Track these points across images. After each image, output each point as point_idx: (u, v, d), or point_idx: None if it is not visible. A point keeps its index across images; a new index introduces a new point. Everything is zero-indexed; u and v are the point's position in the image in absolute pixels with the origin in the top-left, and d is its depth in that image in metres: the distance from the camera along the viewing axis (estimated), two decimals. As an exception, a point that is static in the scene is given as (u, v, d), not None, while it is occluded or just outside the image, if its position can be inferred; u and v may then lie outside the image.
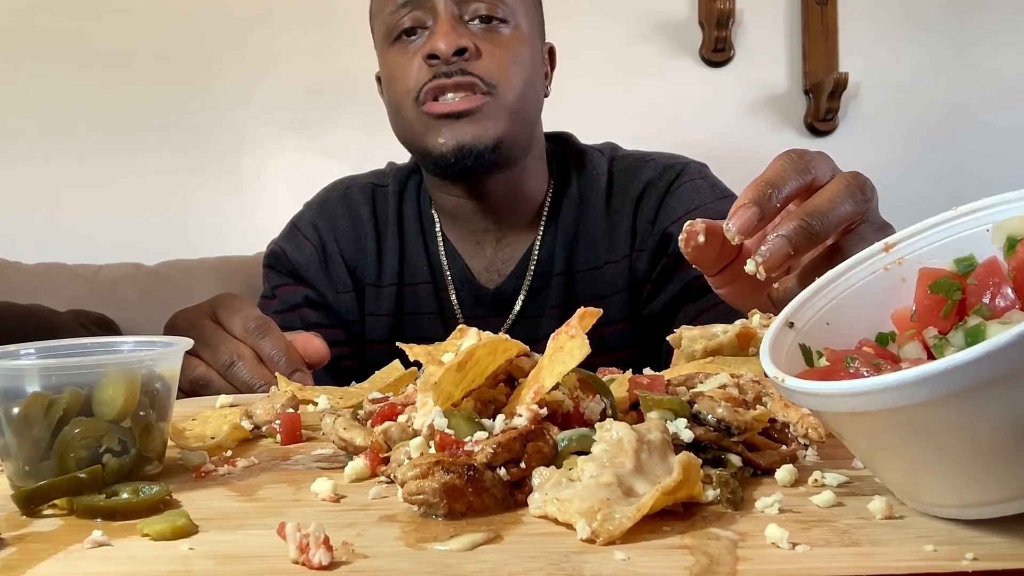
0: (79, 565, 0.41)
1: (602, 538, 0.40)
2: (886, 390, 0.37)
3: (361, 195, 1.33)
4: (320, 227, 1.32)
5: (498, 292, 1.26)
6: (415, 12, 1.15)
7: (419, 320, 1.28)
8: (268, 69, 2.29)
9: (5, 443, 0.53)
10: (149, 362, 0.56)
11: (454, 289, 1.27)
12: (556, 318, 1.21)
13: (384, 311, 1.28)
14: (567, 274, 1.24)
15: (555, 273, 1.24)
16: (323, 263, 1.30)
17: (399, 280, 1.28)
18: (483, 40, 1.14)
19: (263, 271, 1.34)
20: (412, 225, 1.30)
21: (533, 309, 1.25)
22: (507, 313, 1.26)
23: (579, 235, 1.26)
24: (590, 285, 1.24)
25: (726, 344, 0.71)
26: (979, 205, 0.49)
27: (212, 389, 0.91)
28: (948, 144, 2.33)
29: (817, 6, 2.29)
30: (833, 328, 0.50)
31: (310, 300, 1.28)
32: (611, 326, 1.23)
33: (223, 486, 0.55)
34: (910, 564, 0.37)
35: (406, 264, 1.29)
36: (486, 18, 1.15)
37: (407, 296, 1.28)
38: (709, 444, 0.51)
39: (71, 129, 2.28)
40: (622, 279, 1.24)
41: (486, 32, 1.15)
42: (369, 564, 0.39)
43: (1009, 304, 0.43)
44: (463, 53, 1.12)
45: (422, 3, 1.15)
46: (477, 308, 1.26)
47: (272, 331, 0.93)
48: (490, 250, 1.27)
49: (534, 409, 0.50)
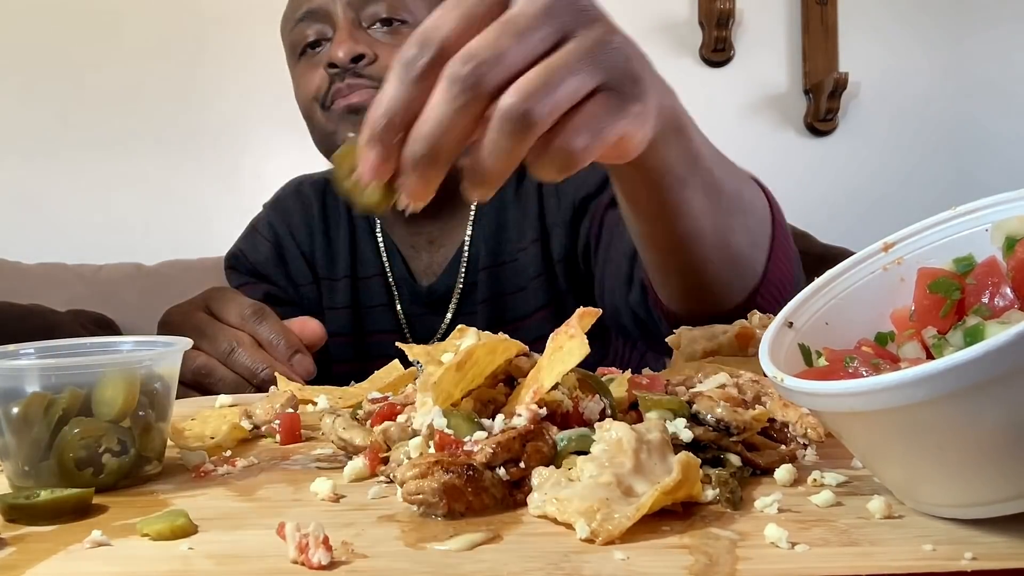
0: (79, 565, 0.41)
1: (601, 538, 0.40)
2: (885, 390, 0.37)
3: (312, 190, 1.37)
4: (275, 224, 1.36)
5: (431, 290, 1.27)
6: (315, 25, 1.17)
7: (373, 313, 1.29)
8: (268, 69, 2.28)
9: (4, 443, 0.53)
10: (149, 362, 0.56)
11: (395, 287, 1.29)
12: (485, 314, 1.21)
13: (340, 304, 1.30)
14: (490, 268, 1.24)
15: (480, 268, 1.24)
16: (280, 259, 1.34)
17: (352, 273, 1.31)
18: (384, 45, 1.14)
19: (225, 273, 1.37)
20: (362, 220, 1.32)
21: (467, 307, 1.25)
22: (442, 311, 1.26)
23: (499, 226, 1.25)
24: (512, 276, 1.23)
25: (725, 344, 0.71)
26: (978, 205, 0.49)
27: (215, 377, 0.92)
28: (947, 144, 2.33)
29: (817, 6, 2.29)
30: (832, 328, 0.50)
31: (270, 296, 1.30)
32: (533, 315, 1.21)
33: (223, 486, 0.55)
34: (909, 564, 0.37)
35: (358, 258, 1.31)
36: (386, 21, 1.15)
37: (361, 288, 1.30)
38: (708, 444, 0.51)
39: (71, 129, 2.28)
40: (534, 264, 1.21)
41: (388, 35, 1.15)
42: (369, 564, 0.39)
43: (1008, 304, 0.43)
44: (360, 60, 1.12)
45: (319, 15, 1.16)
46: (414, 305, 1.28)
47: (268, 316, 0.95)
48: (424, 252, 1.29)
49: (533, 409, 0.50)
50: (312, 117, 1.21)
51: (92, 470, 0.53)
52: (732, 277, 0.83)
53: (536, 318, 1.22)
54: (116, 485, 0.54)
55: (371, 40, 1.14)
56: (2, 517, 0.48)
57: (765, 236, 0.85)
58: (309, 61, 1.19)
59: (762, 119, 2.29)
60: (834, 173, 2.32)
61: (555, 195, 1.21)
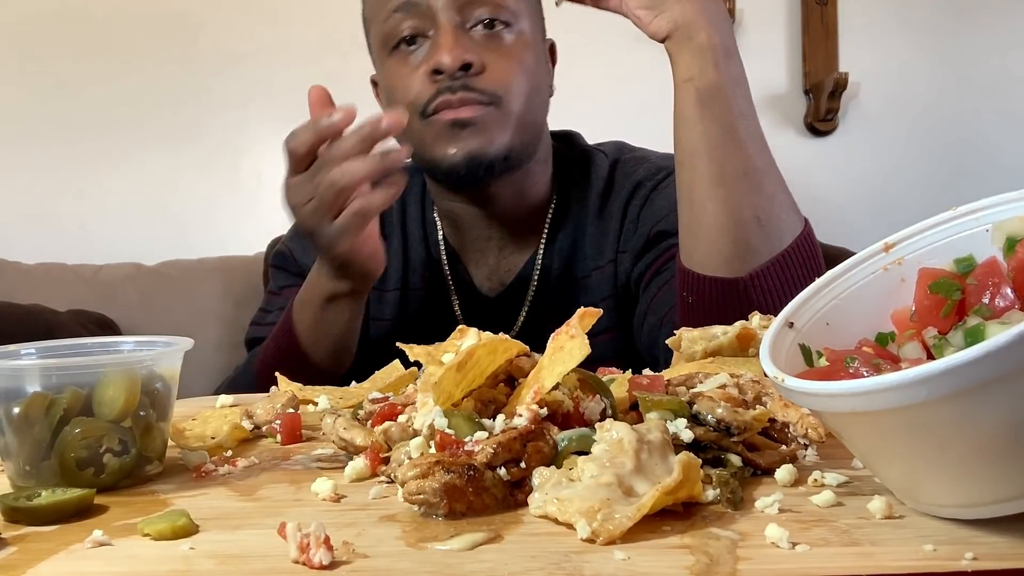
0: (79, 565, 0.41)
1: (602, 538, 0.41)
2: (886, 390, 0.37)
3: None
4: None
5: (499, 301, 1.23)
6: (413, 20, 1.11)
7: (421, 326, 1.26)
8: (268, 69, 2.29)
9: (6, 443, 0.53)
10: (149, 362, 0.56)
11: (457, 297, 1.25)
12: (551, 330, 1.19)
13: (387, 316, 1.26)
14: (565, 284, 1.22)
15: (553, 283, 1.22)
16: None
17: (403, 285, 1.26)
18: (487, 49, 1.10)
19: (270, 270, 1.32)
20: (416, 229, 1.27)
21: (534, 320, 1.23)
22: (508, 322, 1.23)
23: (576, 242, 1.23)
24: (584, 294, 1.20)
25: (726, 345, 0.71)
26: (979, 205, 0.49)
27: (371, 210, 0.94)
28: (948, 144, 2.33)
29: (817, 6, 2.29)
30: (833, 328, 0.50)
31: None
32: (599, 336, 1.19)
33: (223, 486, 0.55)
34: (910, 564, 0.37)
35: (409, 269, 1.26)
36: (489, 23, 1.11)
37: (411, 300, 1.26)
38: (709, 444, 0.51)
39: (70, 129, 2.28)
40: (607, 285, 1.19)
41: (490, 39, 1.11)
42: (369, 564, 0.39)
43: (1009, 304, 0.43)
44: (468, 68, 1.08)
45: (419, 10, 1.10)
46: (478, 317, 1.24)
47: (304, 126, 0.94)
48: (492, 258, 1.24)
49: (534, 409, 0.50)
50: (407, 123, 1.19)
51: (93, 470, 0.53)
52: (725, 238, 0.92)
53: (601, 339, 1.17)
54: (117, 485, 0.54)
55: (476, 46, 1.10)
56: (3, 517, 0.48)
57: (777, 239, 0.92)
58: (404, 59, 1.12)
59: (762, 119, 2.27)
60: (834, 173, 2.31)
61: (635, 221, 1.19)
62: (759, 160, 0.94)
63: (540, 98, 1.18)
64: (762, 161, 0.94)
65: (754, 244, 0.91)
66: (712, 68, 0.91)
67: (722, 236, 0.92)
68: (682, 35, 0.92)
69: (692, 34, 0.91)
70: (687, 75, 0.92)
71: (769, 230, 0.92)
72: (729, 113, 0.92)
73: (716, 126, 0.92)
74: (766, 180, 0.93)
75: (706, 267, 0.93)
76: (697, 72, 0.91)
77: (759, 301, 0.89)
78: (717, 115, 0.91)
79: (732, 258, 0.91)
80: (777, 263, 0.91)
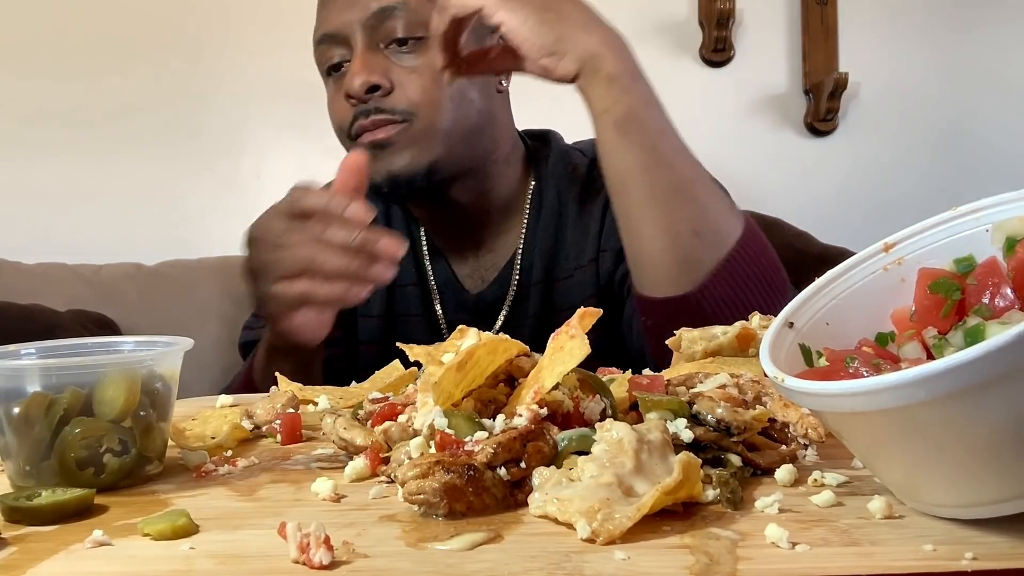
0: (79, 565, 0.41)
1: (602, 538, 0.41)
2: (886, 390, 0.37)
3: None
4: None
5: (480, 298, 1.24)
6: (336, 49, 1.14)
7: (408, 322, 1.26)
8: (268, 69, 2.28)
9: (6, 443, 0.53)
10: (149, 362, 0.56)
11: (438, 293, 1.26)
12: (534, 328, 1.19)
13: (374, 312, 1.27)
14: (545, 283, 1.21)
15: (534, 282, 1.22)
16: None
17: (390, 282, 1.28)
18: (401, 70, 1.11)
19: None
20: (399, 226, 1.27)
21: (516, 318, 1.23)
22: (489, 320, 1.24)
23: (557, 241, 1.23)
24: (566, 294, 1.20)
25: (725, 345, 0.71)
26: (979, 205, 0.49)
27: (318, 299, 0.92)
28: (948, 144, 2.33)
29: (817, 6, 2.29)
30: (833, 328, 0.50)
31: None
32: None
33: (223, 486, 0.55)
34: (909, 564, 0.37)
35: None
36: (402, 40, 1.11)
37: (397, 297, 1.27)
38: (709, 444, 0.51)
39: (70, 129, 2.28)
40: (590, 284, 1.20)
41: (407, 55, 1.11)
42: (369, 564, 0.39)
43: (1008, 304, 0.43)
44: (376, 90, 1.09)
45: (336, 39, 1.13)
46: (459, 313, 1.24)
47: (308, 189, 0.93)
48: (472, 257, 1.25)
49: (534, 409, 0.50)
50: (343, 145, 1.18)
51: (93, 470, 0.53)
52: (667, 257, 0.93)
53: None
54: (117, 485, 0.54)
55: (387, 65, 1.11)
56: (3, 517, 0.48)
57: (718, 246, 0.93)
58: (335, 84, 1.16)
59: (762, 119, 2.29)
60: (834, 173, 2.31)
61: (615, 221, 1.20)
62: (686, 172, 0.95)
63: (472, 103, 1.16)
64: (689, 173, 0.95)
65: (696, 256, 0.92)
66: (624, 94, 0.92)
67: (664, 256, 0.93)
68: (590, 70, 0.92)
69: (599, 66, 0.92)
70: (602, 107, 0.93)
71: (708, 239, 0.93)
72: (648, 134, 0.93)
73: (638, 149, 0.93)
74: (697, 190, 0.95)
75: (655, 289, 0.94)
76: (611, 102, 0.92)
77: (712, 311, 0.90)
78: (637, 139, 0.93)
79: (678, 275, 0.93)
80: (723, 270, 0.92)
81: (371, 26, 1.11)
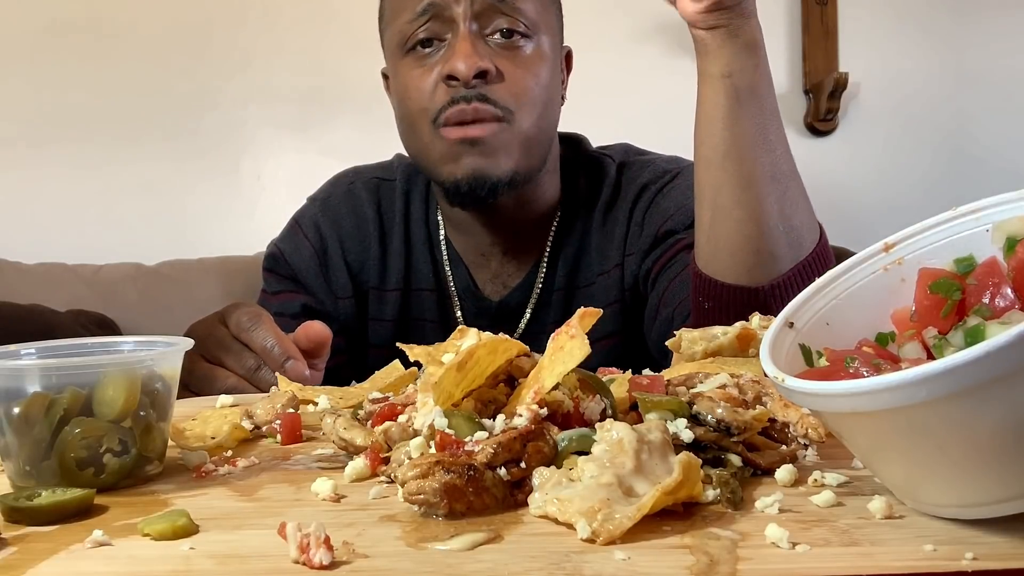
0: (79, 565, 0.41)
1: (602, 538, 0.41)
2: (886, 390, 0.37)
3: (366, 191, 1.28)
4: (323, 227, 1.27)
5: (502, 305, 1.22)
6: (432, 24, 1.09)
7: (423, 327, 1.24)
8: (268, 70, 2.29)
9: (6, 443, 0.53)
10: (149, 362, 0.56)
11: (457, 299, 1.24)
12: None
13: (388, 316, 1.25)
14: (567, 290, 1.21)
15: (556, 289, 1.21)
16: (322, 267, 1.26)
17: (404, 285, 1.24)
18: (504, 59, 1.08)
19: (263, 273, 1.32)
20: (419, 228, 1.25)
21: (537, 325, 1.22)
22: (510, 327, 1.22)
23: (582, 249, 1.22)
24: (589, 301, 1.18)
25: (726, 346, 0.71)
26: (979, 205, 0.49)
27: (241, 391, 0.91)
28: (948, 144, 2.33)
29: (817, 6, 2.29)
30: (833, 328, 0.50)
31: (308, 309, 1.24)
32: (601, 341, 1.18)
33: (223, 486, 0.55)
34: (910, 564, 0.37)
35: (412, 269, 1.25)
36: (507, 33, 1.09)
37: (412, 302, 1.24)
38: (709, 444, 0.51)
39: (71, 130, 2.28)
40: (614, 290, 1.19)
41: (507, 49, 1.09)
42: (369, 564, 0.39)
43: (1009, 304, 0.43)
44: (483, 76, 1.06)
45: (442, 15, 1.08)
46: (480, 320, 1.22)
47: (262, 323, 0.92)
48: (495, 263, 1.23)
49: (534, 409, 0.50)
50: (415, 129, 1.12)
51: (93, 470, 0.53)
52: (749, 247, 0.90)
53: (604, 344, 1.18)
54: (117, 485, 0.54)
55: (492, 54, 1.08)
56: (3, 517, 0.48)
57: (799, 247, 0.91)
58: (418, 62, 1.10)
59: (762, 119, 2.30)
60: (834, 173, 2.32)
61: (641, 224, 1.18)
62: (785, 164, 0.92)
63: (551, 113, 1.16)
64: (788, 165, 0.92)
65: (778, 254, 0.90)
66: (754, 66, 0.88)
67: (747, 245, 0.90)
68: (734, 27, 0.87)
69: (741, 29, 0.87)
70: (726, 70, 0.88)
71: (792, 239, 0.91)
72: (763, 113, 0.90)
73: (751, 124, 0.89)
74: (791, 185, 0.92)
75: (727, 275, 0.91)
76: (738, 68, 0.88)
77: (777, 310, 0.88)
78: (753, 114, 0.89)
79: (754, 267, 0.90)
80: (797, 273, 0.89)
81: (480, 12, 1.08)
